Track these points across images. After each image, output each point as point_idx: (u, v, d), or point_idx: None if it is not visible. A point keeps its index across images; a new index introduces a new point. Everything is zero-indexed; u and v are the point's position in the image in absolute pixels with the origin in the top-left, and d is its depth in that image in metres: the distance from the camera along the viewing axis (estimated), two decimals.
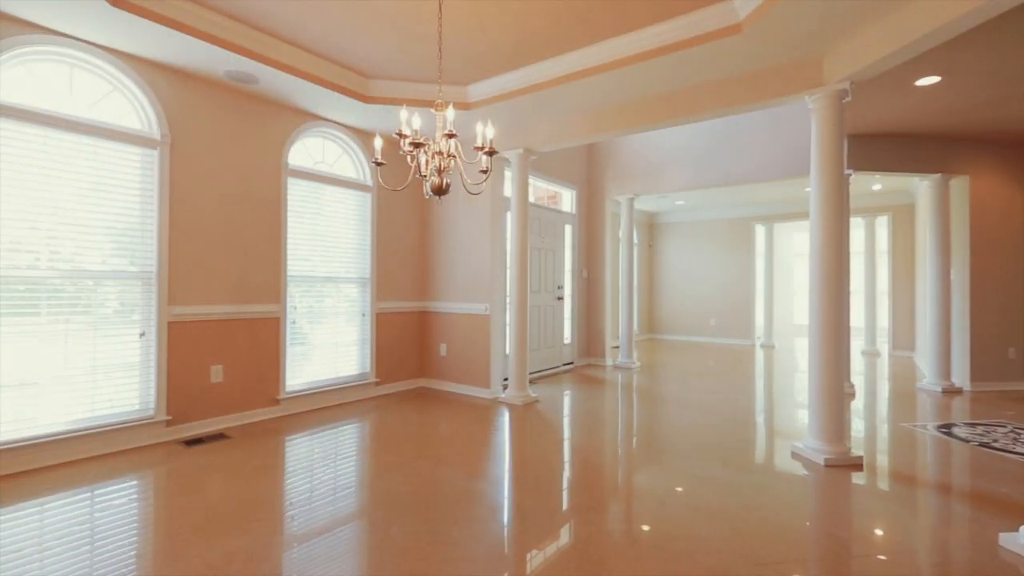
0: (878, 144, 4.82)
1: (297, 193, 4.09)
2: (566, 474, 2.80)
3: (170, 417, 3.28)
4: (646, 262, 9.96)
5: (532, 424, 3.79)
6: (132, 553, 1.92)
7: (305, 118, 4.10)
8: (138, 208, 3.19)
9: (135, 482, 2.61)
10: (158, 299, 3.24)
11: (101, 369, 3.05)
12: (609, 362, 6.55)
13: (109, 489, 2.51)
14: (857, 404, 4.46)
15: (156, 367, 3.23)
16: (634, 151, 6.44)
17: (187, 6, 2.78)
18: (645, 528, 2.16)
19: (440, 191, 2.14)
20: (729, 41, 2.84)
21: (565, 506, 2.38)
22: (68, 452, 2.88)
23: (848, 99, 3.00)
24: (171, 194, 3.30)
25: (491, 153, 2.12)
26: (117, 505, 2.34)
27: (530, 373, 5.62)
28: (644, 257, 9.88)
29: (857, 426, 3.77)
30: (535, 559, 1.92)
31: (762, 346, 8.62)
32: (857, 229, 10.76)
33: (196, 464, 2.86)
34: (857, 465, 2.93)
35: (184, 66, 3.25)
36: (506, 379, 4.89)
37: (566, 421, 3.90)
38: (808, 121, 5.09)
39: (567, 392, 4.93)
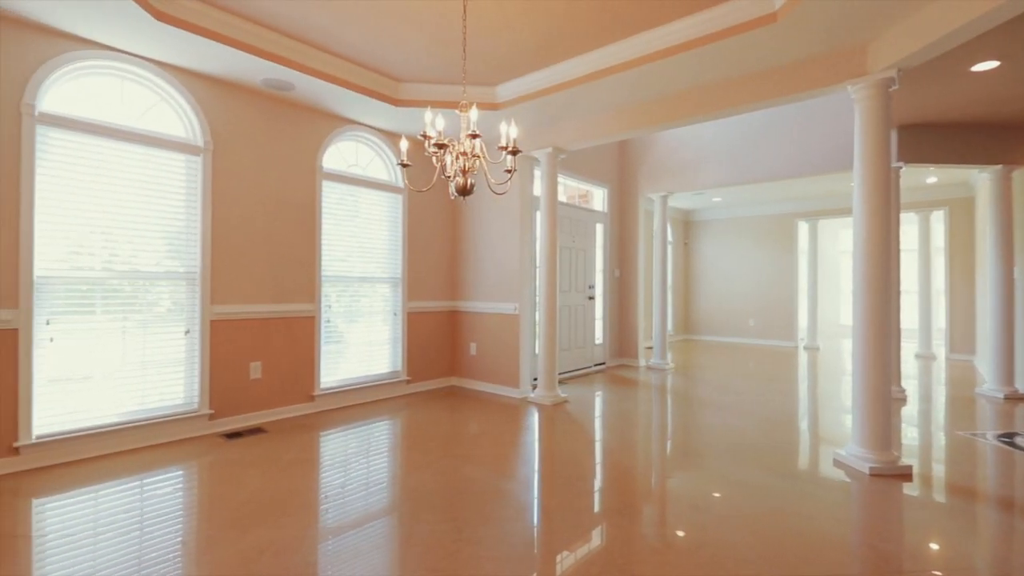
0: (931, 134, 4.53)
1: (331, 196, 4.21)
2: (594, 476, 2.76)
3: (212, 411, 3.44)
4: (681, 261, 9.73)
5: (561, 424, 3.77)
6: (178, 540, 2.02)
7: (339, 122, 4.21)
8: (183, 212, 3.36)
9: (180, 472, 2.74)
10: (201, 298, 3.40)
11: (151, 364, 3.23)
12: (642, 363, 6.43)
13: (157, 478, 2.65)
14: (909, 410, 4.21)
15: (200, 363, 3.39)
16: (668, 147, 6.30)
17: (226, 18, 2.90)
18: (675, 534, 2.11)
19: (464, 191, 2.16)
20: (764, 31, 2.73)
21: (592, 508, 2.35)
22: (120, 442, 3.06)
23: (895, 88, 2.83)
24: (213, 198, 3.46)
25: (515, 152, 2.11)
26: (163, 494, 2.46)
27: (560, 373, 5.59)
28: (679, 256, 9.66)
29: (908, 433, 3.56)
30: (560, 561, 1.90)
31: (805, 348, 8.27)
32: (910, 225, 10.16)
33: (235, 457, 2.99)
34: (906, 475, 2.76)
35: (224, 75, 3.40)
36: (536, 379, 4.87)
37: (595, 422, 3.85)
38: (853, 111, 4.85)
39: (598, 393, 4.87)
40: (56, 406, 2.87)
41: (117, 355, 3.10)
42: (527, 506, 2.37)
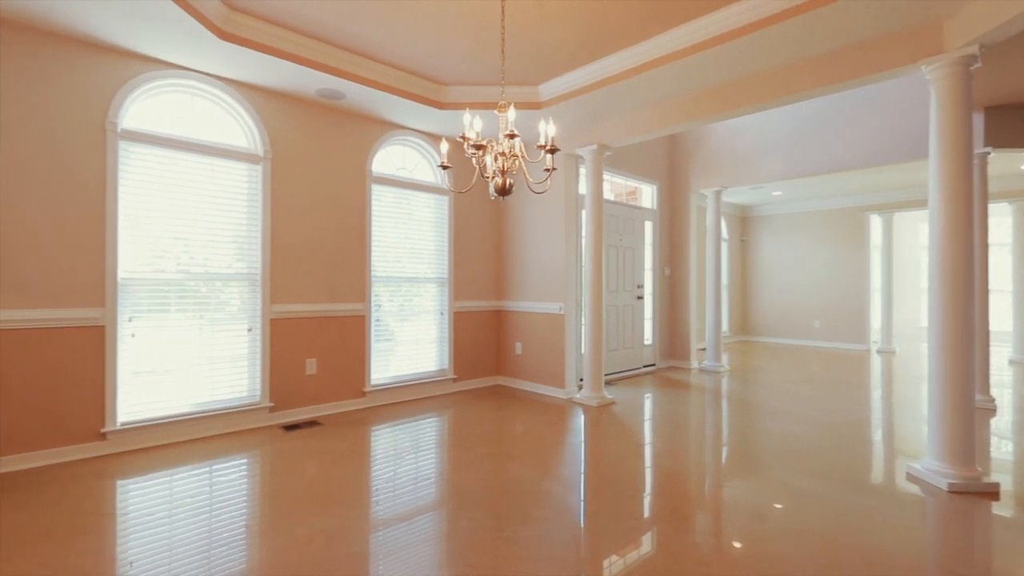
0: (1023, 116, 4.07)
1: (380, 199, 4.35)
2: (641, 480, 2.69)
3: (272, 404, 3.66)
4: (738, 259, 9.29)
5: (607, 426, 3.70)
6: (242, 524, 2.17)
7: (387, 128, 4.35)
8: (245, 217, 3.59)
9: (244, 460, 2.93)
10: (263, 298, 3.62)
11: (219, 360, 3.48)
12: (694, 365, 6.20)
13: (224, 465, 2.85)
14: (999, 421, 3.81)
15: (261, 359, 3.61)
16: (722, 140, 6.04)
17: (283, 33, 3.07)
18: (726, 545, 2.02)
19: (503, 191, 2.17)
20: (825, 11, 2.56)
21: (637, 514, 2.29)
22: (192, 431, 3.32)
23: (977, 66, 2.56)
24: (272, 204, 3.67)
25: (553, 151, 2.10)
26: (229, 480, 2.64)
27: (608, 374, 5.49)
28: (735, 253, 9.23)
29: (1000, 448, 3.22)
30: (597, 565, 1.87)
31: (879, 351, 7.66)
32: (1002, 216, 9.18)
33: (293, 448, 3.16)
34: (992, 493, 2.50)
35: (282, 88, 3.60)
36: (582, 379, 4.82)
37: (644, 425, 3.75)
38: None
39: (646, 395, 4.75)
40: (138, 396, 3.15)
41: (191, 350, 3.36)
42: (569, 508, 2.34)
